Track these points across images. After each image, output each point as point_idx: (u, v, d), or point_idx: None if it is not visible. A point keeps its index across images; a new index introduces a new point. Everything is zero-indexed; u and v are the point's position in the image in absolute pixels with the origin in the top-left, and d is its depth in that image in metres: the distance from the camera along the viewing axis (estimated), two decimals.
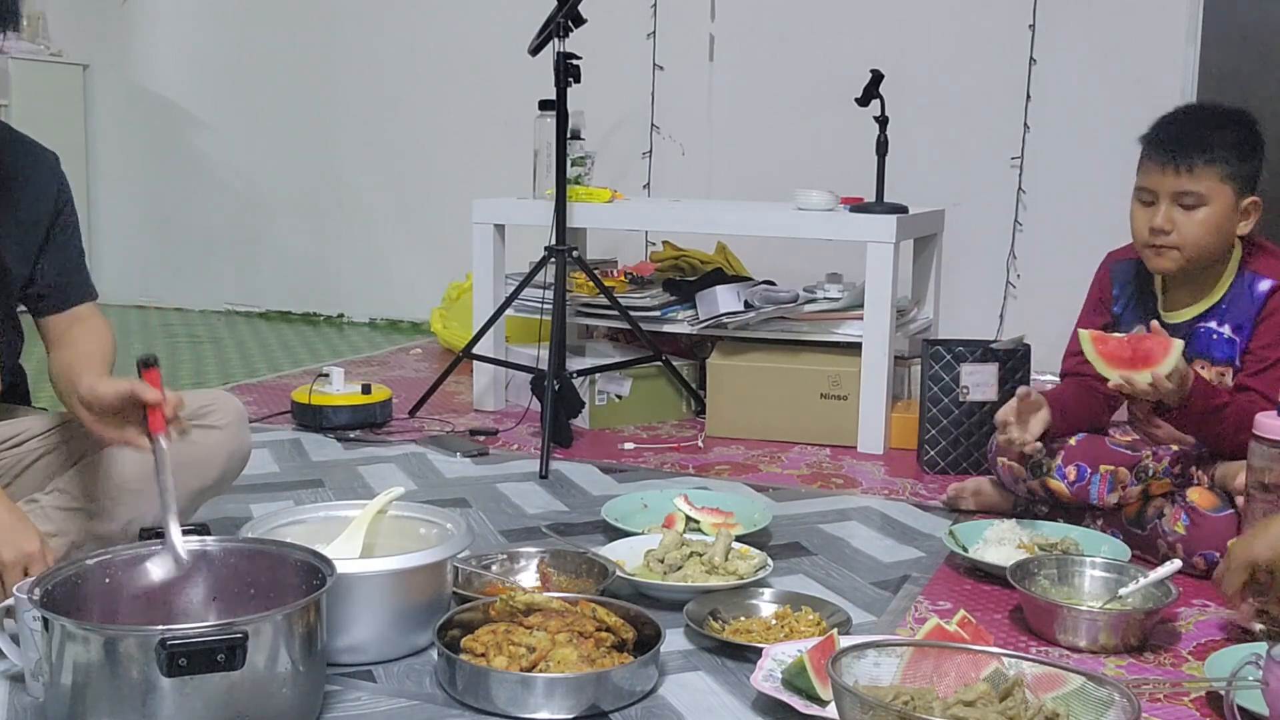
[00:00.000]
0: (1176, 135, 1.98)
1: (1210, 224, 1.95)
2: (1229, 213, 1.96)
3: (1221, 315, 2.02)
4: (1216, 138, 1.96)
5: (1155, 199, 1.98)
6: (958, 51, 3.62)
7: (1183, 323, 2.05)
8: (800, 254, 3.33)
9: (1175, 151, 1.95)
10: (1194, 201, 1.95)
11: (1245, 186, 1.97)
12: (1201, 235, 1.96)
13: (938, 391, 2.54)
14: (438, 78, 4.36)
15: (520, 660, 1.46)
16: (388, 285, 4.57)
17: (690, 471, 2.57)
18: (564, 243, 2.80)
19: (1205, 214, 1.95)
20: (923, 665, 1.32)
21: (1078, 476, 2.07)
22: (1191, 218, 1.95)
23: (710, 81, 3.93)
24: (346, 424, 2.81)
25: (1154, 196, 1.99)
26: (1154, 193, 1.99)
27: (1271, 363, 1.96)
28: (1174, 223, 1.96)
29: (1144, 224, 2.00)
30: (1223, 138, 1.96)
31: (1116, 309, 2.16)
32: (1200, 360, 2.02)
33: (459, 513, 2.01)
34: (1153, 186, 1.99)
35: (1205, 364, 2.02)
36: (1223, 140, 1.95)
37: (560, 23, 2.69)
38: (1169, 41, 3.40)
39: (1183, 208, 1.96)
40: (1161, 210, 1.97)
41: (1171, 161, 1.95)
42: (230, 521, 2.13)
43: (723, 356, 2.90)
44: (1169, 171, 1.96)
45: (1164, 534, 1.95)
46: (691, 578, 1.81)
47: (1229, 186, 1.95)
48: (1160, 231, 1.97)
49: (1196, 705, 1.50)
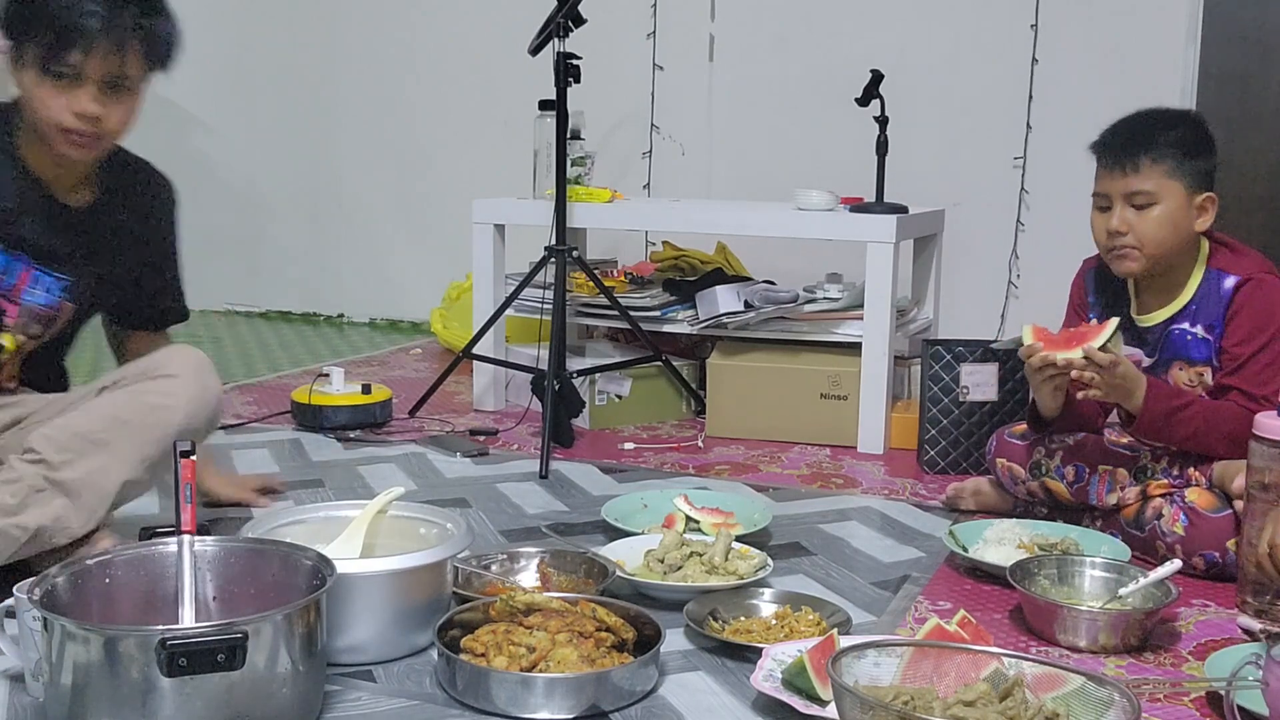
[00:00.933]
0: (1121, 137, 2.02)
1: (1164, 221, 1.97)
2: (1182, 209, 1.98)
3: (1193, 315, 2.03)
4: (1160, 136, 1.99)
5: (1110, 203, 2.01)
6: (958, 51, 3.62)
7: (1156, 325, 2.06)
8: (800, 254, 3.33)
9: (1120, 153, 1.99)
10: (1145, 200, 1.97)
11: (1196, 183, 1.99)
12: (1157, 233, 1.97)
13: (938, 391, 2.54)
14: (438, 78, 4.36)
15: (520, 660, 1.46)
16: (388, 285, 4.57)
17: (690, 471, 2.57)
18: (564, 243, 2.80)
19: (1158, 212, 1.97)
20: (923, 665, 1.32)
21: (1076, 477, 2.08)
22: (1145, 217, 1.98)
23: (710, 81, 3.92)
24: (346, 424, 2.81)
25: (1108, 201, 2.01)
26: (1108, 196, 2.01)
27: (1246, 359, 1.97)
28: (1129, 224, 1.98)
29: (1102, 229, 2.03)
30: (1166, 136, 1.99)
31: (1092, 316, 2.16)
32: (1178, 362, 2.04)
33: (459, 513, 2.01)
34: (1105, 190, 2.02)
35: (1183, 364, 2.03)
36: (1166, 139, 1.98)
37: (560, 23, 2.69)
38: (1169, 41, 3.39)
39: (1135, 208, 1.98)
40: (1116, 213, 1.99)
41: (1118, 163, 1.99)
42: (230, 521, 2.13)
43: (723, 356, 2.90)
44: (1117, 173, 1.99)
45: (1163, 535, 1.95)
46: (691, 578, 1.81)
47: (1178, 183, 1.97)
48: (1117, 234, 1.99)
49: (1196, 705, 1.50)
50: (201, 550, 1.52)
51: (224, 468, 2.32)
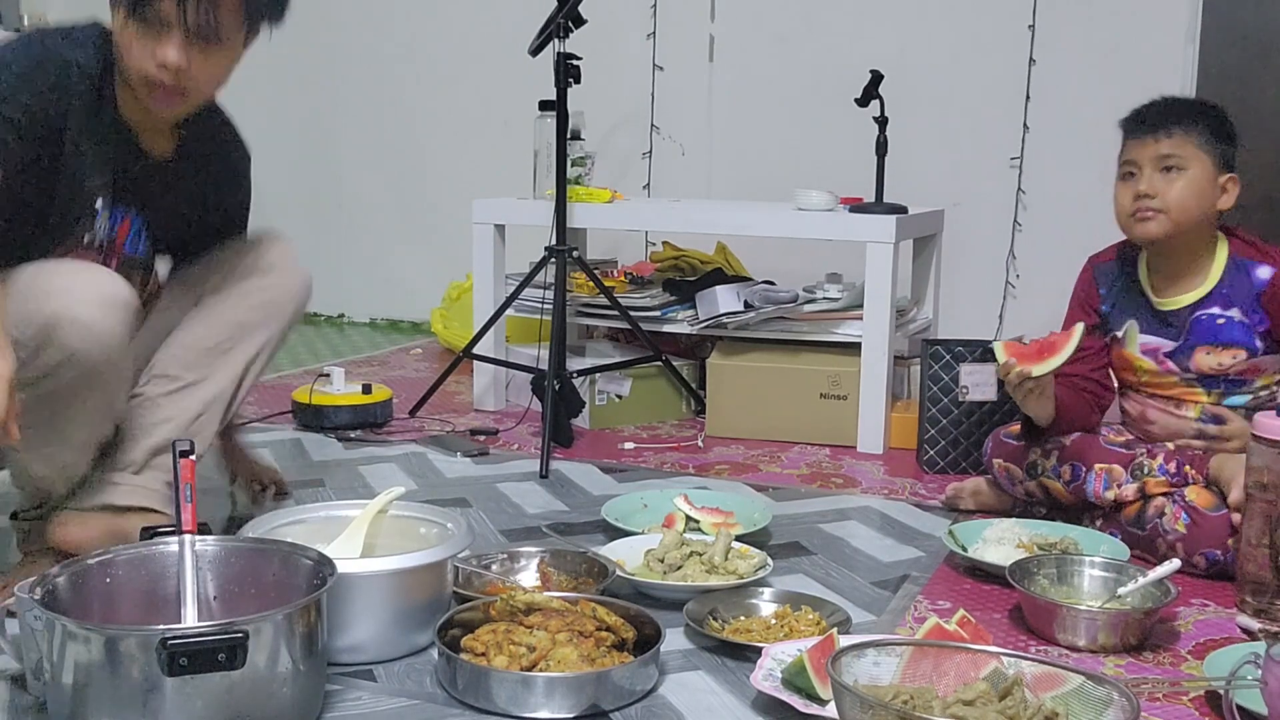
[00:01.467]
0: (1154, 109, 2.08)
1: (1191, 189, 2.01)
2: (1209, 182, 2.02)
3: (1224, 299, 2.04)
4: (1192, 112, 2.05)
5: (1137, 169, 2.04)
6: (957, 51, 3.62)
7: (1182, 309, 2.07)
8: (800, 254, 3.33)
9: (1154, 121, 2.04)
10: (1175, 164, 2.01)
11: (1221, 163, 2.03)
12: (1184, 199, 2.00)
13: (937, 391, 2.54)
14: (438, 78, 4.36)
15: (520, 660, 1.46)
16: (388, 285, 4.57)
17: (690, 471, 2.57)
18: (564, 243, 2.80)
19: (1187, 179, 2.01)
20: (922, 665, 1.32)
21: (1073, 476, 2.09)
22: (1173, 183, 2.01)
23: (710, 81, 3.93)
24: (347, 424, 2.82)
25: (1136, 168, 2.05)
26: (1136, 163, 2.04)
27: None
28: (1156, 189, 2.02)
29: (1128, 195, 2.05)
30: (1197, 114, 2.05)
31: (1104, 308, 2.18)
32: (1203, 347, 2.04)
33: (459, 513, 2.01)
34: (1134, 157, 2.05)
35: (1209, 349, 2.04)
36: (1197, 115, 2.05)
37: (560, 23, 2.70)
38: (1169, 41, 3.39)
39: (1164, 172, 2.01)
40: (1145, 177, 2.03)
41: (1151, 130, 2.03)
42: (230, 521, 2.13)
43: (723, 356, 2.90)
44: (1148, 141, 2.03)
45: (1164, 533, 1.96)
46: (691, 577, 1.81)
47: (1206, 156, 2.01)
48: (1145, 196, 2.02)
49: (1195, 705, 1.50)
50: (202, 550, 1.53)
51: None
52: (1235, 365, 2.03)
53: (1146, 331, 2.10)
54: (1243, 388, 2.05)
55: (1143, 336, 2.11)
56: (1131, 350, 2.12)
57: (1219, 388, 2.06)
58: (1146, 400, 2.14)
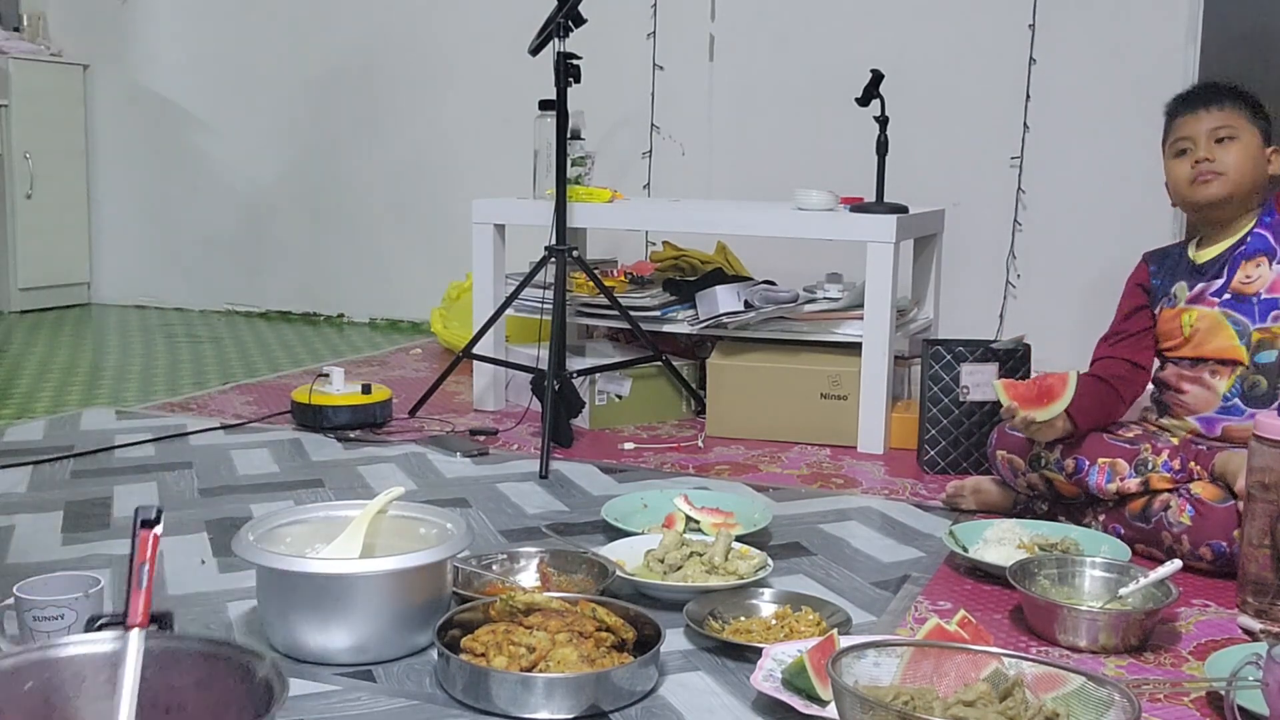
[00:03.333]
0: (1200, 89, 2.19)
1: (1245, 155, 2.10)
2: (1259, 150, 2.12)
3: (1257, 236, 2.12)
4: (1234, 91, 2.15)
5: (1191, 144, 2.12)
6: (958, 51, 3.62)
7: (1217, 256, 2.14)
8: (800, 254, 3.33)
9: (1206, 98, 2.14)
10: (1229, 133, 2.10)
11: (1266, 137, 2.14)
12: (1241, 163, 2.09)
13: (938, 391, 2.54)
14: (438, 78, 4.36)
15: (520, 660, 1.46)
16: (388, 285, 4.57)
17: (690, 471, 2.57)
18: (564, 243, 2.80)
19: (1240, 146, 2.10)
20: (923, 665, 1.32)
21: (1076, 469, 2.10)
22: (1229, 150, 2.10)
23: (710, 81, 3.93)
24: (346, 424, 2.81)
25: (1190, 142, 2.12)
26: (1190, 138, 2.12)
27: None
28: (1215, 155, 2.10)
29: (1185, 166, 2.12)
30: (1238, 92, 2.15)
31: (1155, 282, 2.23)
32: (1242, 266, 2.11)
33: (459, 513, 2.01)
34: (1188, 133, 2.12)
35: (1244, 265, 2.11)
36: (1239, 94, 2.15)
37: (560, 23, 2.69)
38: (1169, 41, 3.40)
39: (1219, 141, 2.10)
40: (1201, 146, 2.10)
41: (1203, 104, 2.13)
42: (230, 521, 2.13)
43: (723, 356, 2.90)
44: (1200, 113, 2.12)
45: (1169, 526, 1.96)
46: (691, 578, 1.81)
47: (1254, 128, 2.12)
48: (1204, 160, 2.10)
49: (1196, 705, 1.49)
50: (147, 648, 1.15)
51: None
52: (1261, 275, 2.08)
53: (1193, 284, 2.16)
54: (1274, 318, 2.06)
55: (1191, 290, 2.16)
56: (1182, 304, 2.16)
57: (1256, 319, 2.07)
58: (1185, 371, 2.14)
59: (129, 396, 3.23)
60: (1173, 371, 2.17)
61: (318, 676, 1.53)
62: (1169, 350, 2.19)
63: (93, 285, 4.97)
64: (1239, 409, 2.07)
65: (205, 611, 1.74)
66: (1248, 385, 2.08)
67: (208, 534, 2.09)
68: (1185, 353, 2.15)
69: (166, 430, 2.79)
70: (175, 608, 1.75)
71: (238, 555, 1.60)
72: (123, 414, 2.98)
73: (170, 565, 1.93)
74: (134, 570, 1.19)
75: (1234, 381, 2.08)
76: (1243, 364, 2.07)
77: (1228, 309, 2.10)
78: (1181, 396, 2.14)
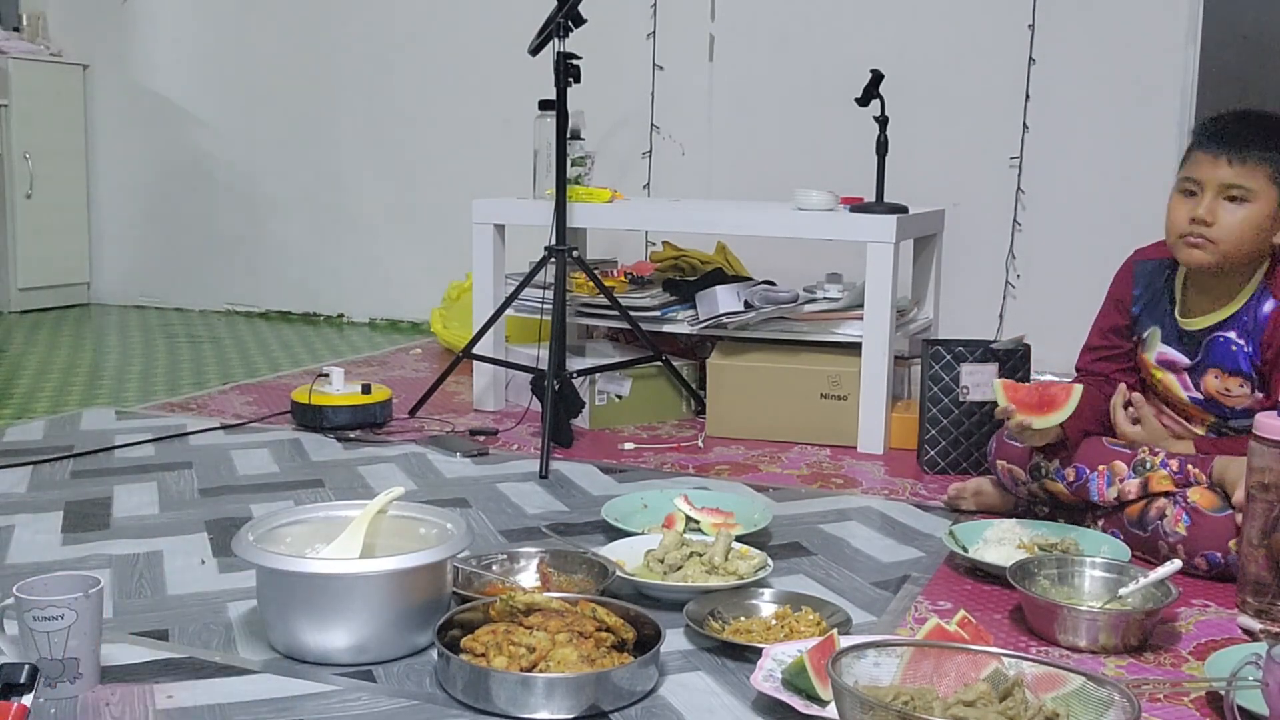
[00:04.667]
0: (1234, 129, 1.94)
1: (1251, 223, 1.92)
2: (1271, 216, 1.93)
3: (1241, 327, 2.01)
4: (1269, 138, 1.92)
5: (1200, 190, 1.95)
6: (957, 51, 3.62)
7: (1200, 330, 2.05)
8: (800, 254, 3.33)
9: (1232, 144, 1.92)
10: (1241, 195, 1.92)
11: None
12: (1242, 233, 1.92)
13: (938, 391, 2.54)
14: (438, 78, 4.36)
15: (520, 660, 1.46)
16: (388, 285, 4.57)
17: (690, 471, 2.57)
18: (564, 243, 2.80)
19: (1248, 211, 1.92)
20: (923, 665, 1.32)
21: (1076, 477, 2.09)
22: (1235, 213, 1.92)
23: (710, 81, 3.93)
24: (346, 424, 2.81)
25: (1199, 187, 1.95)
26: (1200, 184, 1.94)
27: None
28: (1216, 216, 1.93)
29: (1184, 215, 1.96)
30: (1273, 141, 1.92)
31: (1135, 309, 2.15)
32: (1214, 369, 2.03)
33: (459, 513, 2.01)
34: (1200, 177, 1.94)
35: (1219, 373, 2.02)
36: (1273, 144, 1.92)
37: (560, 23, 2.69)
38: (1169, 41, 3.40)
39: (1228, 200, 1.93)
40: (1206, 201, 1.93)
41: (1225, 152, 1.92)
42: (230, 522, 2.13)
43: (723, 356, 2.90)
44: (1221, 162, 1.92)
45: (1165, 535, 1.95)
46: (691, 578, 1.81)
47: (1275, 188, 1.92)
48: (1201, 222, 1.94)
49: (1196, 705, 1.49)
50: None
51: None
52: (1237, 396, 2.02)
53: (1166, 342, 2.10)
54: (1245, 419, 2.01)
55: (1162, 346, 2.10)
56: (1149, 357, 2.12)
57: (1224, 415, 2.06)
58: (1162, 405, 2.15)
59: (129, 396, 3.23)
60: (1153, 404, 2.15)
61: (318, 676, 1.53)
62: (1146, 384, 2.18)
63: (93, 285, 4.97)
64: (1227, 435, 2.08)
65: (205, 612, 1.74)
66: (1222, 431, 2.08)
67: (208, 534, 2.09)
68: (1159, 394, 2.14)
69: (166, 430, 2.79)
70: (175, 608, 1.76)
71: (238, 555, 1.60)
72: (123, 414, 2.98)
73: (170, 565, 1.93)
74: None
75: (1208, 430, 2.09)
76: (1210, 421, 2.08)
77: (1199, 406, 2.08)
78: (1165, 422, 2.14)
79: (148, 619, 1.71)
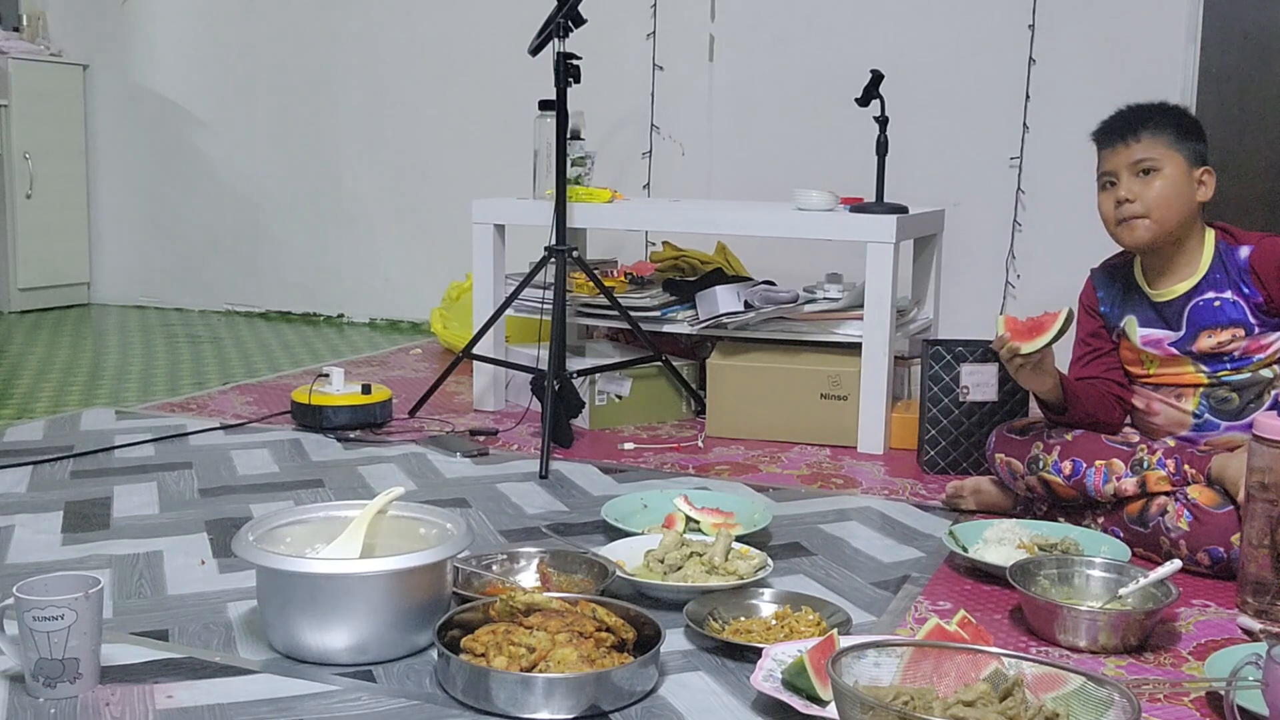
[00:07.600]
0: (1120, 118, 2.13)
1: (1168, 188, 2.06)
2: (1184, 178, 2.07)
3: (1217, 285, 2.09)
4: (1157, 114, 2.10)
5: (1115, 178, 2.10)
6: (957, 51, 3.62)
7: (1176, 299, 2.12)
8: (800, 254, 3.33)
9: (1124, 129, 2.10)
10: (1149, 166, 2.06)
11: (1194, 159, 2.09)
12: (1165, 198, 2.06)
13: (938, 391, 2.54)
14: (437, 78, 4.36)
15: (520, 660, 1.46)
16: (388, 285, 4.57)
17: (690, 471, 2.57)
18: (564, 243, 2.80)
19: (1163, 179, 2.06)
20: (923, 665, 1.32)
21: (1073, 471, 2.10)
22: (1150, 184, 2.06)
23: (710, 81, 3.93)
24: (346, 424, 2.81)
25: (1113, 176, 2.10)
26: (1113, 173, 2.10)
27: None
28: (1135, 193, 2.07)
29: (1110, 203, 2.11)
30: (1162, 115, 2.10)
31: (1104, 309, 2.24)
32: (1205, 330, 2.09)
33: (459, 513, 2.01)
34: (1110, 167, 2.10)
35: (1211, 331, 2.08)
36: (1163, 116, 2.10)
37: (560, 23, 2.69)
38: (1169, 41, 3.40)
39: (1141, 175, 2.07)
40: (1123, 183, 2.08)
41: (1121, 137, 2.09)
42: (230, 522, 2.13)
43: (723, 356, 2.90)
44: (1120, 147, 2.09)
45: (1166, 531, 1.96)
46: (691, 578, 1.81)
47: (1178, 154, 2.07)
48: (1125, 202, 2.07)
49: (1196, 705, 1.49)
50: None
51: None
52: (1235, 344, 2.07)
53: (1145, 325, 2.16)
54: (1244, 366, 2.08)
55: (1142, 329, 2.16)
56: (1134, 342, 2.17)
57: (1224, 367, 2.09)
58: (1151, 393, 2.17)
59: (129, 396, 3.23)
60: (1141, 395, 2.20)
61: (318, 676, 1.53)
62: (1133, 376, 2.22)
63: (93, 285, 4.97)
64: (1213, 424, 2.10)
65: (205, 612, 1.74)
66: (1216, 400, 2.10)
67: (208, 534, 2.09)
68: (1149, 380, 2.18)
69: (166, 430, 2.79)
70: (175, 608, 1.76)
71: (238, 555, 1.60)
72: (123, 414, 2.98)
73: (170, 566, 1.93)
74: None
75: (1199, 400, 2.11)
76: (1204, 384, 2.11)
77: (1197, 362, 2.12)
78: (1153, 420, 2.17)
79: (148, 619, 1.71)
